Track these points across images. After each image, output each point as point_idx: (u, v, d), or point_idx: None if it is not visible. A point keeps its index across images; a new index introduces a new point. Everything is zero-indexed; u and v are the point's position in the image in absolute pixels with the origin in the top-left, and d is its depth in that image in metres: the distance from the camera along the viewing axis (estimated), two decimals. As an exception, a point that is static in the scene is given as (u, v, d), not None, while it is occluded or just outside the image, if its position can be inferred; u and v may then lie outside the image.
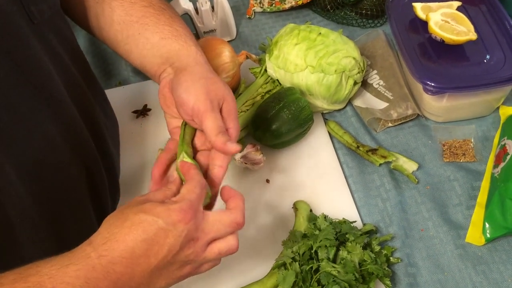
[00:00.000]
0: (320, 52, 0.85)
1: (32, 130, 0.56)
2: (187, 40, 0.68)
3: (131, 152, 0.89)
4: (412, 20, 0.90)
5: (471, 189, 0.81)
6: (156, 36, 0.68)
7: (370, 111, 0.90)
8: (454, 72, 0.83)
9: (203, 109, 0.60)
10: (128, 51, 0.71)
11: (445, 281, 0.73)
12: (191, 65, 0.65)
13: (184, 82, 0.62)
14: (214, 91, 0.62)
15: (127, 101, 0.97)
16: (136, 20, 0.69)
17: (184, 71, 0.64)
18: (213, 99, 0.61)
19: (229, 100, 0.63)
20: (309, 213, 0.77)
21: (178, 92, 0.62)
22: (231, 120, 0.62)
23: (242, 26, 1.10)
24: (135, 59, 0.71)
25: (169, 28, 0.68)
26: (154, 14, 0.69)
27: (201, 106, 0.60)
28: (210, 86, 0.62)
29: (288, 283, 0.67)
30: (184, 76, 0.63)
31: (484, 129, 0.88)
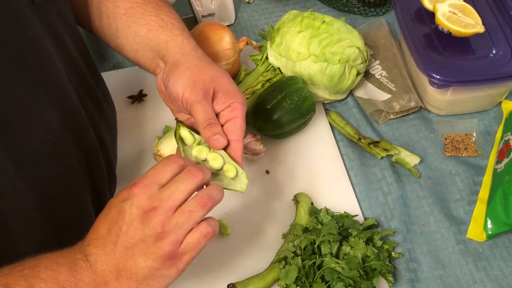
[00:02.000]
0: (324, 41, 0.83)
1: (32, 119, 0.53)
2: (173, 30, 0.67)
3: (127, 139, 0.86)
4: (418, 10, 0.88)
5: (473, 184, 0.81)
6: (144, 29, 0.67)
7: (372, 103, 0.89)
8: (460, 65, 0.81)
9: (190, 101, 0.60)
10: (120, 45, 0.70)
11: (446, 277, 0.72)
12: (177, 57, 0.64)
13: (171, 76, 0.62)
14: (201, 80, 0.61)
15: (122, 86, 0.94)
16: (124, 12, 0.68)
17: (172, 65, 0.63)
18: (200, 88, 0.60)
19: (221, 81, 0.62)
20: (310, 206, 0.76)
21: (168, 88, 0.63)
22: (231, 97, 0.61)
23: (241, 10, 1.07)
24: (128, 53, 0.70)
25: (155, 18, 0.67)
26: (141, 4, 0.68)
27: (188, 97, 0.60)
28: (197, 75, 0.61)
29: (291, 278, 0.65)
30: (171, 70, 0.63)
31: (486, 124, 0.87)
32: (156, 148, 0.80)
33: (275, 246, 0.73)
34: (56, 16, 0.58)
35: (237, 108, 0.61)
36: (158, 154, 0.79)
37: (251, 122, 0.84)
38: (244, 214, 0.78)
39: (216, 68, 0.64)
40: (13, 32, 0.50)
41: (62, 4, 0.61)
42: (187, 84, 0.60)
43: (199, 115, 0.59)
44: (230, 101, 0.61)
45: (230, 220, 0.77)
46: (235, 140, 0.60)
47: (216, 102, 0.62)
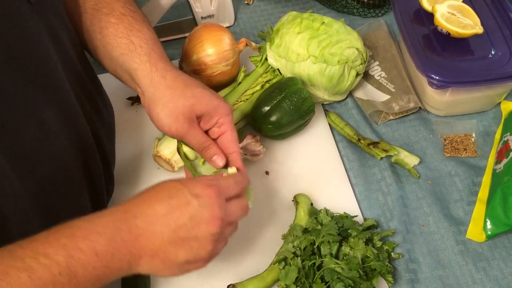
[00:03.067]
0: (323, 42, 0.83)
1: (27, 118, 0.53)
2: (141, 56, 0.66)
3: (127, 140, 0.86)
4: (417, 11, 0.88)
5: (472, 184, 0.81)
6: (116, 52, 0.67)
7: (371, 103, 0.89)
8: (459, 66, 0.82)
9: (179, 134, 0.65)
10: (102, 62, 0.71)
11: (446, 277, 0.72)
12: (150, 91, 0.65)
13: (153, 115, 0.65)
14: (181, 113, 0.64)
15: (122, 87, 0.92)
16: (99, 31, 0.68)
17: (149, 101, 0.65)
18: (183, 121, 0.64)
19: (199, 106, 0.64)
20: (310, 207, 0.76)
21: (155, 123, 0.66)
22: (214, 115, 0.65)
23: (241, 12, 1.07)
24: (111, 70, 0.71)
25: (125, 41, 0.67)
26: (113, 25, 0.67)
27: (176, 132, 0.64)
28: (176, 111, 0.64)
29: (291, 279, 0.65)
30: (150, 107, 0.65)
31: (485, 124, 0.88)
32: (156, 149, 0.80)
33: (275, 247, 0.73)
34: (53, 15, 0.58)
35: (223, 122, 0.65)
36: (158, 156, 0.79)
37: (250, 123, 0.85)
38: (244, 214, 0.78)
39: (190, 93, 0.64)
40: (8, 31, 0.50)
41: (57, 3, 0.61)
42: (170, 121, 0.64)
43: (191, 143, 0.65)
44: (215, 120, 0.65)
45: (230, 221, 0.77)
46: (231, 153, 0.66)
47: (202, 124, 0.66)
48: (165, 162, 0.79)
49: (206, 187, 0.54)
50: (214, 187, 0.54)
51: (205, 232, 0.53)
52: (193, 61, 0.86)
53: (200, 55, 0.86)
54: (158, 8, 0.95)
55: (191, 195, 0.53)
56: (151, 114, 0.65)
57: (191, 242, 0.52)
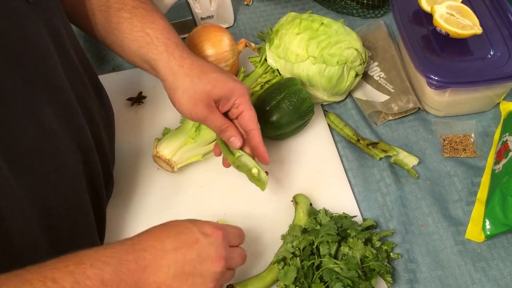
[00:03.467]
0: (323, 43, 0.83)
1: (26, 117, 0.53)
2: (158, 46, 0.69)
3: (126, 141, 0.87)
4: (416, 11, 0.89)
5: (471, 185, 0.81)
6: (134, 45, 0.70)
7: (370, 104, 0.89)
8: (458, 66, 0.82)
9: (199, 119, 0.69)
10: (121, 55, 0.73)
11: (445, 278, 0.72)
12: (170, 80, 0.68)
13: (173, 100, 0.69)
14: (199, 99, 0.67)
15: (121, 88, 0.94)
16: (115, 27, 0.70)
17: (169, 89, 0.69)
18: (202, 107, 0.67)
19: (216, 91, 0.67)
20: (309, 207, 0.76)
21: (176, 109, 0.70)
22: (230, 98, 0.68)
23: (240, 13, 1.07)
24: (131, 61, 0.73)
25: (141, 34, 0.69)
26: (127, 19, 0.70)
27: (196, 117, 0.68)
28: (194, 97, 0.67)
29: (290, 279, 0.65)
30: (170, 95, 0.69)
31: (485, 125, 0.88)
32: (155, 149, 0.80)
33: (274, 247, 0.73)
34: (53, 15, 0.59)
35: (240, 103, 0.69)
36: (157, 156, 0.80)
37: (250, 124, 0.85)
38: (243, 215, 0.78)
39: (206, 80, 0.67)
40: (6, 31, 0.50)
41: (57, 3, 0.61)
42: (190, 107, 0.68)
43: (210, 127, 0.70)
44: (232, 101, 0.69)
45: (230, 221, 0.77)
46: (249, 131, 0.70)
47: (221, 107, 0.70)
48: (165, 162, 0.80)
49: (215, 228, 0.57)
50: (222, 230, 0.58)
51: (209, 270, 0.55)
52: (193, 61, 0.86)
53: (200, 55, 0.86)
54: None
55: (200, 233, 0.55)
56: (173, 100, 0.69)
57: (195, 278, 0.54)
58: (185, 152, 0.80)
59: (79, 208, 0.63)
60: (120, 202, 0.79)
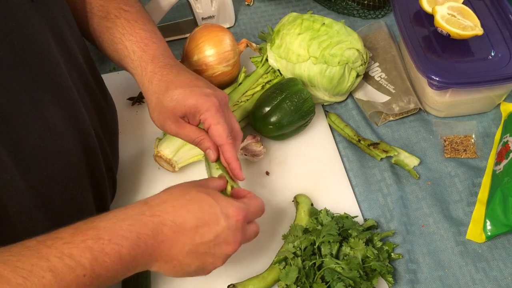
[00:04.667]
0: (324, 43, 0.83)
1: (31, 115, 0.53)
2: (134, 61, 0.68)
3: (127, 140, 0.86)
4: (417, 12, 0.89)
5: (472, 185, 0.81)
6: (116, 57, 0.70)
7: (371, 104, 0.89)
8: (459, 67, 0.82)
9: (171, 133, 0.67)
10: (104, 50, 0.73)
11: (446, 278, 0.72)
12: (144, 93, 0.68)
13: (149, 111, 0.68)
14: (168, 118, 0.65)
15: (122, 88, 0.94)
16: (99, 35, 0.70)
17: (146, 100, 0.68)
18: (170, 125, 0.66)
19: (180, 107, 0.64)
20: (310, 207, 0.76)
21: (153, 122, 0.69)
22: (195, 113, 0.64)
23: (241, 13, 1.08)
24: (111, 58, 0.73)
25: (120, 46, 0.69)
26: (109, 29, 0.69)
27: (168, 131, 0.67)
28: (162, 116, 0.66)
29: (291, 279, 0.65)
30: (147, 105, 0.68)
31: (485, 125, 0.88)
32: (157, 149, 0.80)
33: (275, 247, 0.73)
34: (56, 14, 0.59)
35: (205, 118, 0.64)
36: (159, 156, 0.79)
37: (251, 124, 0.85)
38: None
39: (169, 98, 0.64)
40: (11, 29, 0.51)
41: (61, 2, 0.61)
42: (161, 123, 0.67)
43: (185, 140, 0.67)
44: (197, 118, 0.65)
45: (230, 221, 0.77)
46: (220, 146, 0.66)
47: (191, 121, 0.67)
48: (166, 162, 0.80)
49: (238, 210, 0.56)
50: (244, 212, 0.57)
51: (222, 252, 0.56)
52: (194, 61, 0.87)
53: (201, 55, 0.86)
54: (158, 9, 0.95)
55: (222, 214, 0.55)
56: (149, 113, 0.69)
57: (207, 257, 0.55)
58: (186, 152, 0.80)
59: (83, 207, 0.63)
60: (122, 201, 0.79)
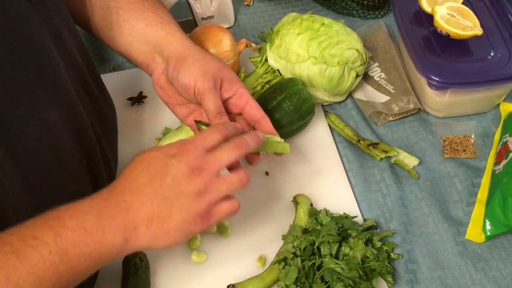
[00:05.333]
0: (323, 43, 0.83)
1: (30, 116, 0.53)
2: (171, 26, 0.69)
3: (127, 141, 0.86)
4: (417, 12, 0.89)
5: (472, 185, 0.81)
6: (142, 23, 0.68)
7: (371, 104, 0.89)
8: (459, 67, 0.82)
9: (202, 90, 0.64)
10: (112, 38, 0.70)
11: (445, 278, 0.73)
12: (181, 51, 0.66)
13: (181, 68, 0.65)
14: (210, 70, 0.64)
15: (122, 88, 0.94)
16: (121, 6, 0.69)
17: (177, 59, 0.65)
18: (210, 78, 0.64)
19: (226, 72, 0.66)
20: (309, 207, 0.76)
21: (179, 80, 0.65)
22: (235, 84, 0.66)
23: (241, 13, 1.08)
24: (120, 46, 0.71)
25: (153, 15, 0.69)
26: (139, 1, 0.69)
27: (201, 87, 0.63)
28: (205, 66, 0.65)
29: (291, 279, 0.65)
30: (178, 63, 0.65)
31: (485, 126, 0.88)
32: (156, 149, 0.80)
33: (275, 247, 0.73)
34: (55, 14, 0.59)
35: (244, 93, 0.67)
36: (158, 156, 0.79)
37: (250, 124, 0.85)
38: (244, 215, 0.78)
39: (219, 60, 0.68)
40: (10, 30, 0.50)
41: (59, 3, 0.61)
42: (198, 74, 0.64)
43: (210, 103, 0.63)
44: (236, 88, 0.67)
45: (230, 221, 0.77)
46: (261, 118, 0.67)
47: (223, 90, 0.66)
48: (165, 162, 0.79)
49: (181, 145, 0.54)
50: (188, 144, 0.54)
51: (188, 186, 0.52)
52: (194, 61, 0.87)
53: (201, 55, 0.86)
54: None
55: (167, 156, 0.53)
56: (179, 70, 0.65)
57: (180, 199, 0.52)
58: (185, 152, 0.80)
59: None
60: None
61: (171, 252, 0.74)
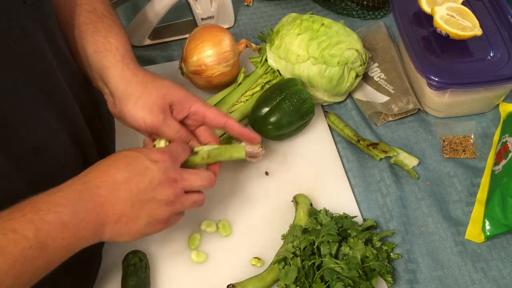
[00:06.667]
0: (323, 43, 0.83)
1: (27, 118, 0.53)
2: (115, 55, 0.67)
3: (125, 140, 0.86)
4: (416, 13, 0.89)
5: (471, 185, 0.81)
6: (91, 48, 0.67)
7: (370, 105, 0.89)
8: (458, 67, 0.82)
9: (152, 126, 0.65)
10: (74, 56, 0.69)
11: (445, 278, 0.73)
12: (121, 89, 0.66)
13: (125, 111, 0.65)
14: (155, 104, 0.65)
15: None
16: (77, 26, 0.68)
17: (120, 99, 0.66)
18: (157, 111, 0.65)
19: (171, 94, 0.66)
20: (309, 207, 0.76)
21: (127, 120, 0.66)
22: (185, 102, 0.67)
23: (241, 13, 1.08)
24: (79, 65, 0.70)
25: (103, 40, 0.68)
26: (93, 22, 0.68)
27: (150, 124, 0.65)
28: (148, 102, 0.65)
29: (290, 279, 0.65)
30: (121, 104, 0.65)
31: (484, 126, 0.88)
32: (156, 149, 0.80)
33: (275, 247, 0.73)
34: (48, 16, 0.59)
35: (198, 108, 0.67)
36: (158, 156, 0.79)
37: (250, 124, 0.85)
38: (244, 215, 0.78)
39: (160, 84, 0.66)
40: (6, 31, 0.50)
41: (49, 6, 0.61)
42: (143, 113, 0.64)
43: (168, 133, 0.66)
44: (188, 106, 0.67)
45: (230, 221, 0.77)
46: (224, 124, 0.68)
47: (175, 113, 0.67)
48: (165, 162, 0.79)
49: (161, 152, 0.58)
50: (168, 153, 0.59)
51: (161, 193, 0.56)
52: (193, 62, 0.87)
53: (200, 56, 0.86)
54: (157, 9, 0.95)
55: (149, 160, 0.56)
56: (124, 111, 0.65)
57: (151, 203, 0.55)
58: (185, 152, 0.80)
59: None
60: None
61: (171, 252, 0.74)
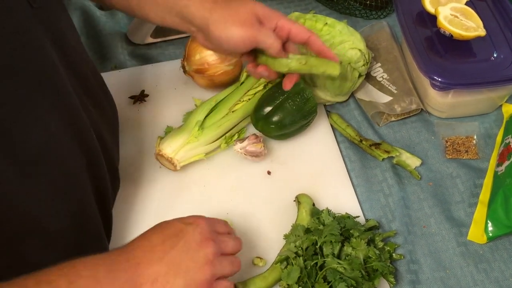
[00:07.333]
0: (326, 43, 0.83)
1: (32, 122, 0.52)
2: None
3: (129, 139, 0.86)
4: (420, 13, 0.89)
5: (474, 186, 0.81)
6: None
7: (373, 105, 0.89)
8: (462, 68, 0.82)
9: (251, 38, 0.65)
10: (145, 16, 0.71)
11: (447, 279, 0.72)
12: (204, 17, 0.66)
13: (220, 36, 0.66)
14: (245, 19, 0.65)
15: (123, 86, 0.94)
16: None
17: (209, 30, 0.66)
18: (250, 24, 0.65)
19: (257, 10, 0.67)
20: (312, 207, 0.76)
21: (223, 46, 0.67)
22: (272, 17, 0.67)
23: (243, 12, 1.07)
24: (156, 22, 0.71)
25: None
26: None
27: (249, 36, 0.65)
28: (239, 19, 0.65)
29: (293, 279, 0.65)
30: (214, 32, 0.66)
31: (487, 126, 0.88)
32: (158, 148, 0.80)
33: (277, 247, 0.73)
34: (55, 19, 0.58)
35: (284, 24, 0.68)
36: (160, 154, 0.79)
37: (252, 123, 0.85)
38: (246, 214, 0.78)
39: (244, 2, 0.67)
40: (11, 35, 0.49)
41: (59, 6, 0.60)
42: (238, 30, 0.65)
43: (267, 41, 0.66)
44: (274, 22, 0.68)
45: (232, 220, 0.77)
46: (308, 38, 0.69)
47: None
48: (167, 161, 0.79)
49: (196, 217, 0.60)
50: (203, 218, 0.60)
51: (199, 253, 0.56)
52: (196, 60, 0.86)
53: (203, 54, 0.86)
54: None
55: (183, 223, 0.58)
56: (217, 37, 0.66)
57: (188, 263, 0.55)
58: (187, 151, 0.80)
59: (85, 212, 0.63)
60: (123, 200, 0.79)
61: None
